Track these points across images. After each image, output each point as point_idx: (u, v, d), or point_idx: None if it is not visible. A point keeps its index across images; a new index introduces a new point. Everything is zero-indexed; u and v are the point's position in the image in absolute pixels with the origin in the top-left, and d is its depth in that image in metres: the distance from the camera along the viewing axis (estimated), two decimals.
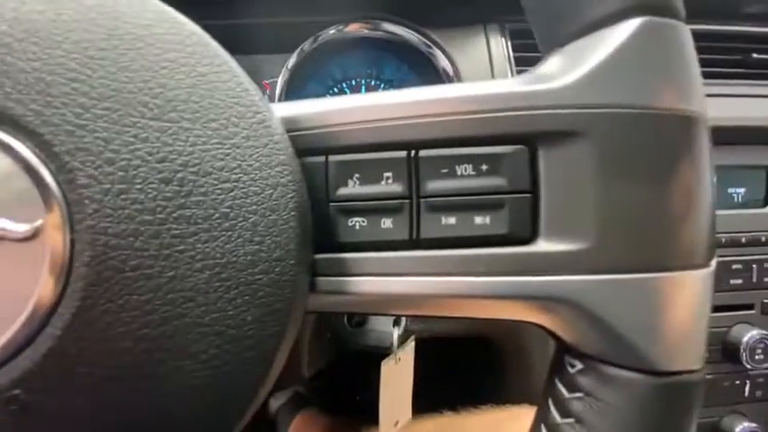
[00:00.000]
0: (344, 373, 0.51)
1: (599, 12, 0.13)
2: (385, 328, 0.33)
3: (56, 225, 0.12)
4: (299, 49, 0.43)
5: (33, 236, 0.12)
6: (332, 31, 0.42)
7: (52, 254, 0.12)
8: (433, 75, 0.43)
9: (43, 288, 0.12)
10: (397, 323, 0.33)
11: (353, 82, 0.47)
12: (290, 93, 0.44)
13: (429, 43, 0.42)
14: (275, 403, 0.56)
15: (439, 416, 0.40)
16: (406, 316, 0.33)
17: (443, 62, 0.42)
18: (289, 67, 0.43)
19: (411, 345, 0.34)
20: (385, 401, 0.32)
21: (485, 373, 0.50)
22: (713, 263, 0.14)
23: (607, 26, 0.13)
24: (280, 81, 0.43)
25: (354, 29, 0.42)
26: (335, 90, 0.47)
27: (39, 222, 0.12)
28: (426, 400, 0.37)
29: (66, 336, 0.12)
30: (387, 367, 0.31)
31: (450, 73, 0.42)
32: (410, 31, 0.42)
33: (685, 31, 0.14)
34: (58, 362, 0.12)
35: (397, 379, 0.33)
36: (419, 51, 0.42)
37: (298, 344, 0.30)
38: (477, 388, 0.51)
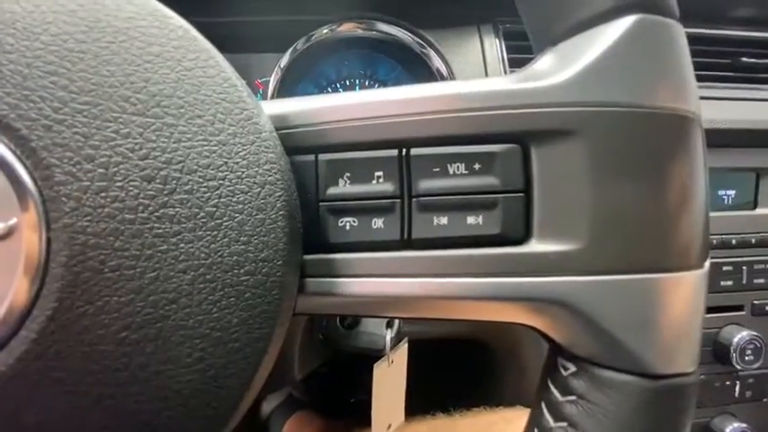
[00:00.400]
0: (338, 375, 0.50)
1: (592, 9, 0.13)
2: (377, 330, 0.32)
3: (31, 224, 0.12)
4: (291, 49, 0.42)
5: (7, 235, 0.12)
6: (325, 31, 0.42)
7: (27, 253, 0.12)
8: (427, 75, 0.43)
9: (18, 289, 0.12)
10: (389, 325, 0.32)
11: (347, 82, 0.47)
12: (283, 92, 0.43)
13: (423, 43, 0.42)
14: (268, 406, 0.55)
15: (432, 418, 0.39)
16: (398, 318, 0.33)
17: (437, 62, 0.42)
18: (281, 66, 0.42)
19: (404, 347, 0.34)
20: (377, 404, 0.31)
21: (478, 375, 0.50)
22: (707, 264, 0.14)
23: (600, 24, 0.13)
24: (272, 80, 0.42)
25: (348, 28, 0.42)
26: (329, 90, 0.46)
27: (13, 221, 0.12)
28: (420, 402, 0.37)
29: (42, 339, 0.12)
30: (379, 370, 0.30)
31: (445, 73, 0.42)
32: (404, 31, 0.42)
33: (679, 30, 0.13)
34: (32, 366, 0.12)
35: (389, 381, 0.32)
36: (413, 51, 0.42)
37: (289, 345, 0.30)
38: (470, 390, 0.51)
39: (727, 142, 0.46)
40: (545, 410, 0.15)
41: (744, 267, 0.44)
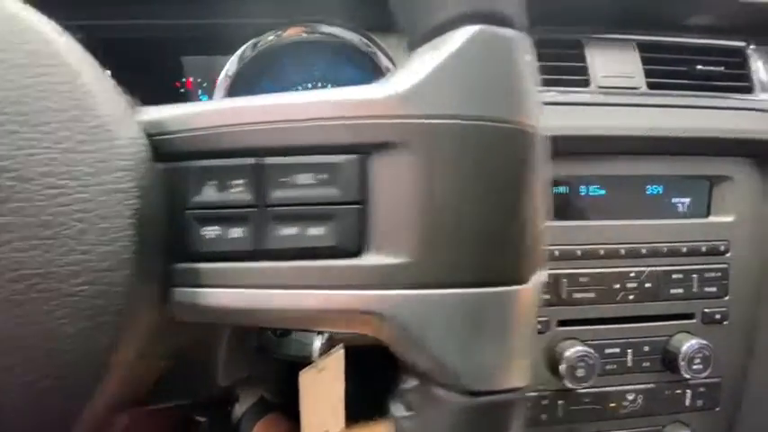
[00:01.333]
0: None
1: (437, 19, 0.13)
2: (309, 338, 0.32)
3: None
4: (239, 55, 0.42)
5: None
6: (270, 37, 0.42)
7: None
8: (380, 75, 0.43)
9: None
10: (320, 332, 0.32)
11: (310, 85, 0.46)
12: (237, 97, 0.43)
13: (369, 43, 0.42)
14: (240, 408, 0.55)
15: (374, 423, 0.39)
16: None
17: (385, 61, 0.42)
18: (229, 74, 0.42)
19: (339, 353, 0.33)
20: (306, 412, 0.31)
21: None
22: (535, 278, 0.14)
23: (443, 33, 0.13)
24: (218, 88, 0.42)
25: (293, 33, 0.42)
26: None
27: None
28: (361, 407, 0.37)
29: None
30: (306, 377, 0.30)
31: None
32: (349, 31, 0.42)
33: (521, 42, 0.13)
34: None
35: (321, 388, 0.32)
36: (362, 52, 0.42)
37: (211, 353, 0.29)
38: None
39: (681, 150, 0.46)
40: (390, 425, 0.14)
41: (694, 276, 0.44)
